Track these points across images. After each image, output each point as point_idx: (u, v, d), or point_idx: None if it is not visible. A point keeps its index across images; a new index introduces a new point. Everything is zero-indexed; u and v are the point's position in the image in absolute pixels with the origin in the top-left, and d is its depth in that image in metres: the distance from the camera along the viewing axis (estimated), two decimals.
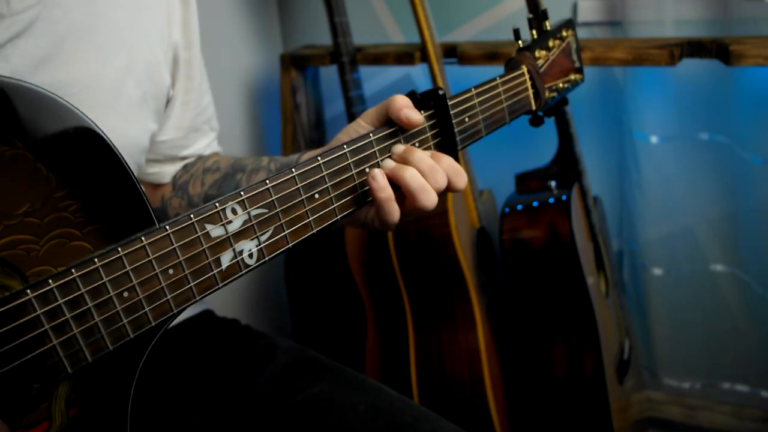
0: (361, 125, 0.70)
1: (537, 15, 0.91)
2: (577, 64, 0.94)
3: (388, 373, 1.48)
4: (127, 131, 0.78)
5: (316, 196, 0.61)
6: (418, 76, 1.74)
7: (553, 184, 1.39)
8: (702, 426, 1.68)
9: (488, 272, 1.49)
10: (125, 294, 0.49)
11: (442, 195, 0.70)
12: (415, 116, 0.66)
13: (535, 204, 1.37)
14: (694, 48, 1.33)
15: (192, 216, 0.53)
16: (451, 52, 1.49)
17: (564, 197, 1.35)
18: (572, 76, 0.92)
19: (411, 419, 0.79)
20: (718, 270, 1.62)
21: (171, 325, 0.94)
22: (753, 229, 1.53)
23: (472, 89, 0.74)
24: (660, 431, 1.73)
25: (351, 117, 1.48)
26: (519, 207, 1.38)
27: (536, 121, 0.89)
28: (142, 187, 0.94)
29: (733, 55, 1.25)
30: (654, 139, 1.55)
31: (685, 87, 1.52)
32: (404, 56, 1.52)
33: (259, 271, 1.83)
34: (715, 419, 1.67)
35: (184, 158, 0.94)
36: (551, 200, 1.36)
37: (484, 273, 1.46)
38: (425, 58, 1.43)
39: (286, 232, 0.59)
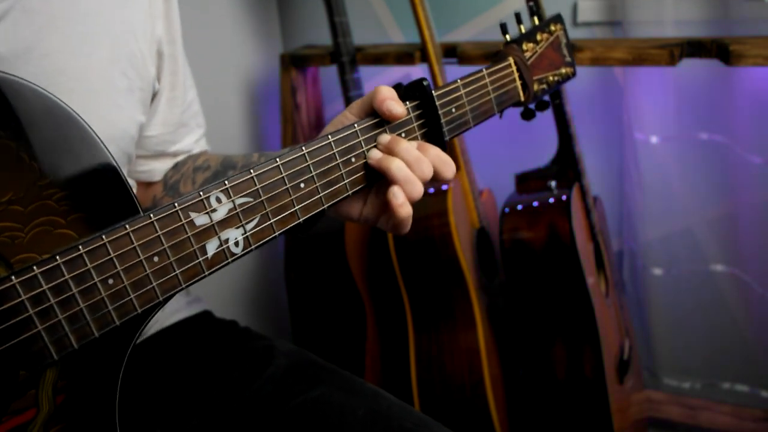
0: (347, 117, 0.71)
1: (534, 12, 0.94)
2: (567, 59, 0.95)
3: (388, 373, 1.48)
4: (115, 120, 0.79)
5: (302, 185, 0.62)
6: (418, 76, 1.73)
7: (553, 184, 1.39)
8: (702, 426, 1.68)
9: (488, 272, 1.49)
10: (110, 281, 0.50)
11: (430, 184, 0.71)
12: (398, 108, 0.67)
13: (535, 204, 1.37)
14: (694, 48, 1.33)
15: (176, 204, 0.53)
16: (451, 52, 1.49)
17: (564, 197, 1.35)
18: (563, 70, 0.93)
19: (410, 425, 0.78)
20: (718, 270, 1.61)
21: (168, 324, 0.95)
22: (753, 229, 1.53)
23: (458, 80, 0.75)
24: (660, 431, 1.73)
25: None
26: (519, 207, 1.38)
27: (527, 114, 0.90)
28: (134, 185, 0.94)
29: (733, 55, 1.25)
30: (654, 139, 1.55)
31: (685, 87, 1.52)
32: (404, 56, 1.52)
33: (259, 272, 1.83)
34: (715, 419, 1.66)
35: (174, 154, 0.95)
36: (551, 200, 1.36)
37: (484, 273, 1.46)
38: (425, 58, 1.43)
39: (272, 220, 0.60)
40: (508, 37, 0.88)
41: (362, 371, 1.52)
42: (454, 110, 0.74)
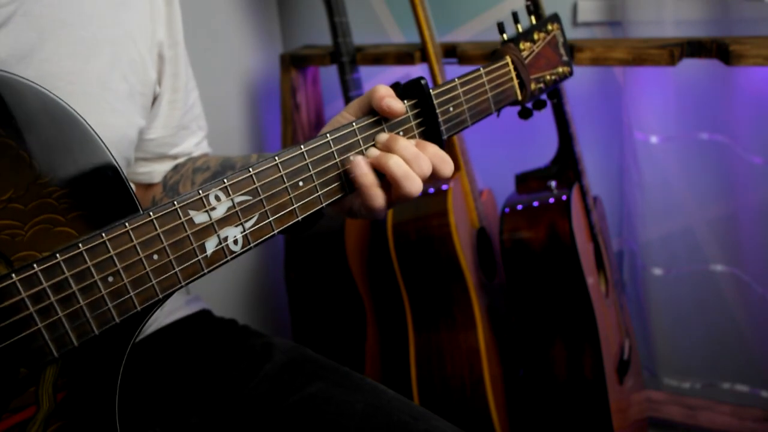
0: (345, 117, 0.71)
1: (531, 11, 0.94)
2: (564, 58, 0.95)
3: (387, 373, 1.48)
4: (114, 124, 0.79)
5: (300, 183, 0.62)
6: (418, 76, 1.73)
7: (553, 184, 1.39)
8: (702, 426, 1.68)
9: (488, 272, 1.49)
10: (110, 279, 0.50)
11: (429, 182, 0.71)
12: (397, 105, 0.67)
13: (535, 204, 1.37)
14: (694, 48, 1.33)
15: (175, 203, 0.53)
16: (451, 52, 1.49)
17: (564, 197, 1.35)
18: (560, 69, 0.94)
19: (408, 418, 0.79)
20: (718, 270, 1.61)
21: (167, 323, 0.96)
22: (753, 229, 1.53)
23: (456, 80, 0.76)
24: (660, 431, 1.73)
25: None
26: (519, 207, 1.38)
27: (525, 113, 0.91)
28: (133, 187, 0.94)
29: (733, 55, 1.25)
30: (654, 139, 1.55)
31: (685, 87, 1.52)
32: (404, 56, 1.52)
33: (259, 271, 1.83)
34: (715, 419, 1.67)
35: (174, 157, 0.95)
36: (551, 200, 1.36)
37: (484, 273, 1.46)
38: (425, 58, 1.43)
39: (271, 219, 0.60)
40: (505, 36, 0.88)
41: (362, 371, 1.52)
42: (451, 109, 0.74)
